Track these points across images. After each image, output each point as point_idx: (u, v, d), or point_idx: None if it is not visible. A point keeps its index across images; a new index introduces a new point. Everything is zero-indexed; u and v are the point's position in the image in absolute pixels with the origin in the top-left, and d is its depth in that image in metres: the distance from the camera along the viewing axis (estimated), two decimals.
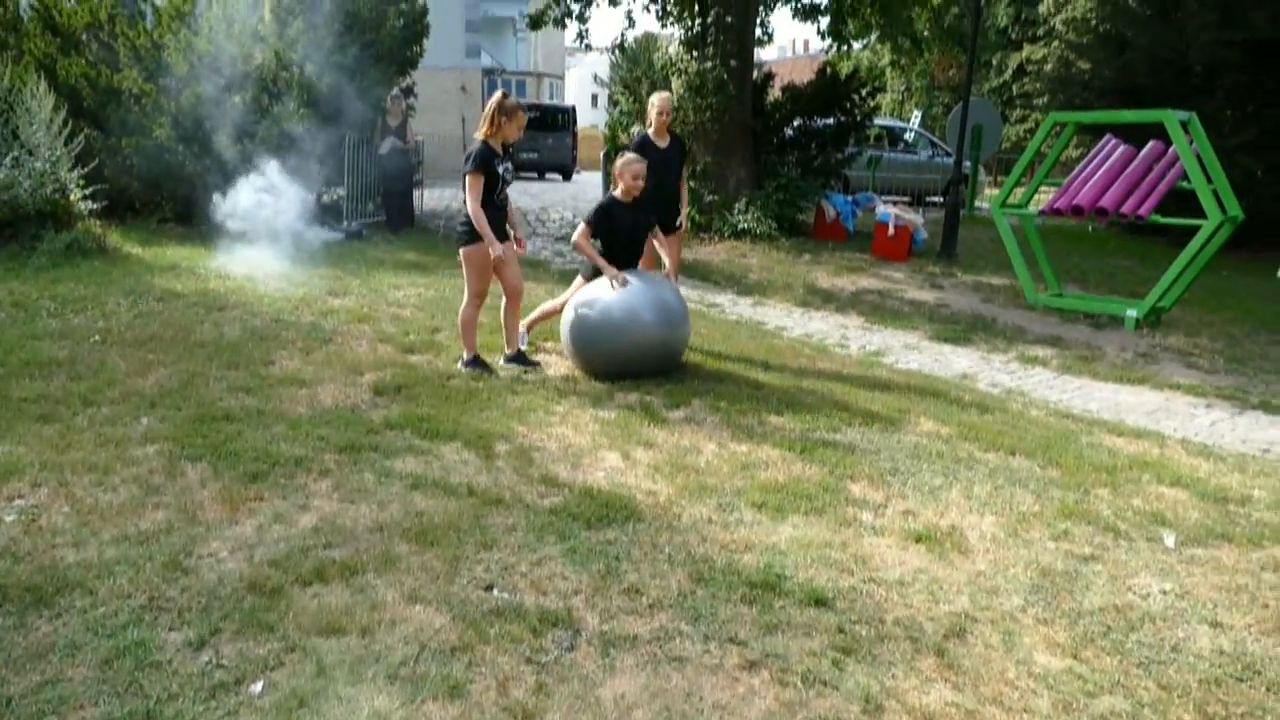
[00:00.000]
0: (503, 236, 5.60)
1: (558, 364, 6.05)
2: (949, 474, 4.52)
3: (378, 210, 12.34)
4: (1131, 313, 8.61)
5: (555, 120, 25.95)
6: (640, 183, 5.80)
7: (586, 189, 21.11)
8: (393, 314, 7.08)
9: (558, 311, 6.14)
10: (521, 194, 19.43)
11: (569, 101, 39.01)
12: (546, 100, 37.46)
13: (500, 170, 5.43)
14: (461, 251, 5.56)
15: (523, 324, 6.23)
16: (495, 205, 5.44)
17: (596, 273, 5.85)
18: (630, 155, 5.87)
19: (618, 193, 5.83)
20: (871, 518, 3.96)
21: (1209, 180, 8.43)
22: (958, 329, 8.38)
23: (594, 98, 64.55)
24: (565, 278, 9.45)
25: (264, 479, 3.91)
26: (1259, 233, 12.84)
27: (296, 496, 3.79)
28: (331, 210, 11.70)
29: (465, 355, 5.68)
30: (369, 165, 11.89)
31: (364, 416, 4.77)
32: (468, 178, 5.36)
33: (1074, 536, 3.91)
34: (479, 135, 5.43)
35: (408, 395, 5.16)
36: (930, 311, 9.14)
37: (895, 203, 13.67)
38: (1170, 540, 3.93)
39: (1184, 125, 8.32)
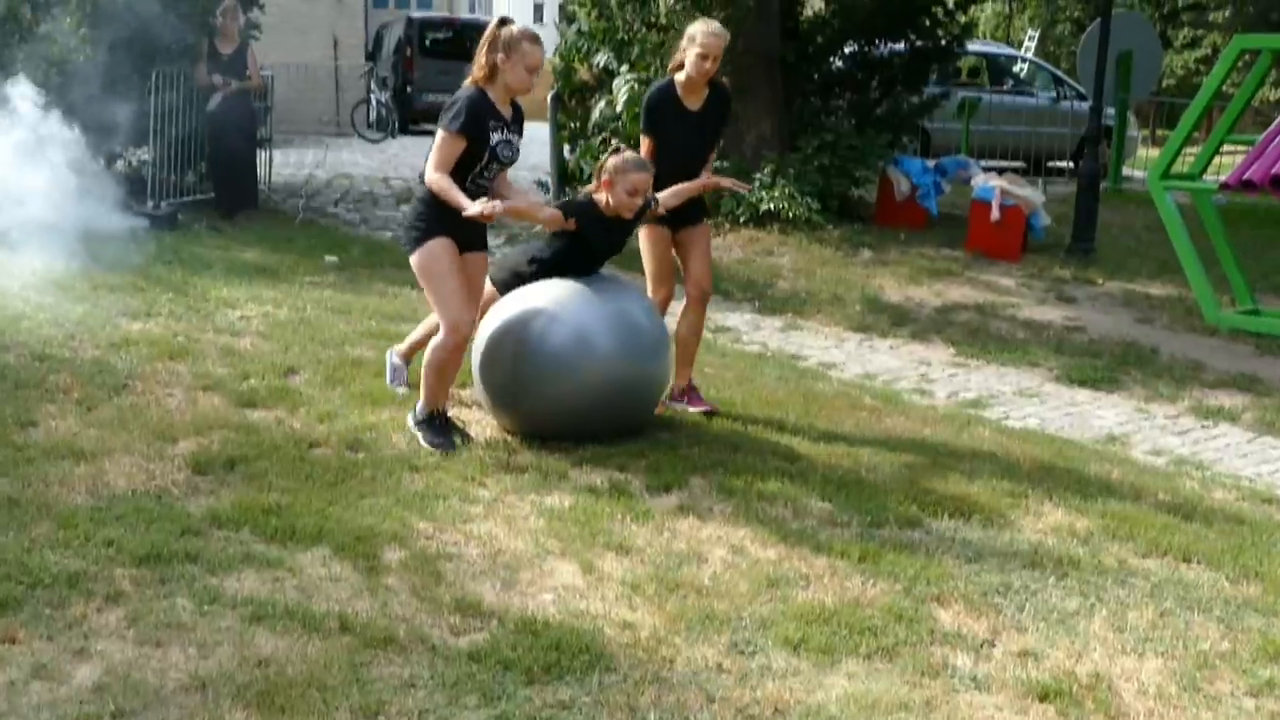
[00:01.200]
0: (473, 245, 5.67)
1: (479, 421, 6.05)
2: (1089, 594, 4.52)
3: (201, 184, 12.32)
4: None
5: (478, 45, 26.15)
6: (638, 200, 5.80)
7: (527, 149, 21.21)
8: (223, 346, 7.05)
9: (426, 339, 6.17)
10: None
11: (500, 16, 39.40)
12: (466, 14, 37.79)
13: (494, 139, 5.46)
14: (413, 260, 5.54)
15: (397, 351, 6.45)
16: (469, 187, 5.43)
17: (518, 278, 5.96)
18: (629, 156, 5.84)
19: (600, 197, 5.84)
20: (970, 663, 3.95)
21: None
22: (1099, 365, 8.46)
23: (537, 9, 65.34)
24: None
25: (17, 608, 3.84)
26: None
27: (69, 636, 3.73)
28: (131, 183, 11.70)
29: (420, 408, 5.66)
30: (189, 115, 11.91)
31: (177, 508, 4.72)
32: (440, 135, 5.38)
33: None
34: (468, 81, 5.49)
35: (246, 474, 5.12)
36: (1058, 338, 9.22)
37: (1002, 171, 13.84)
38: None
39: None
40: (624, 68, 12.81)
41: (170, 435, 5.51)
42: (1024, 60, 22.26)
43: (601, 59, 13.18)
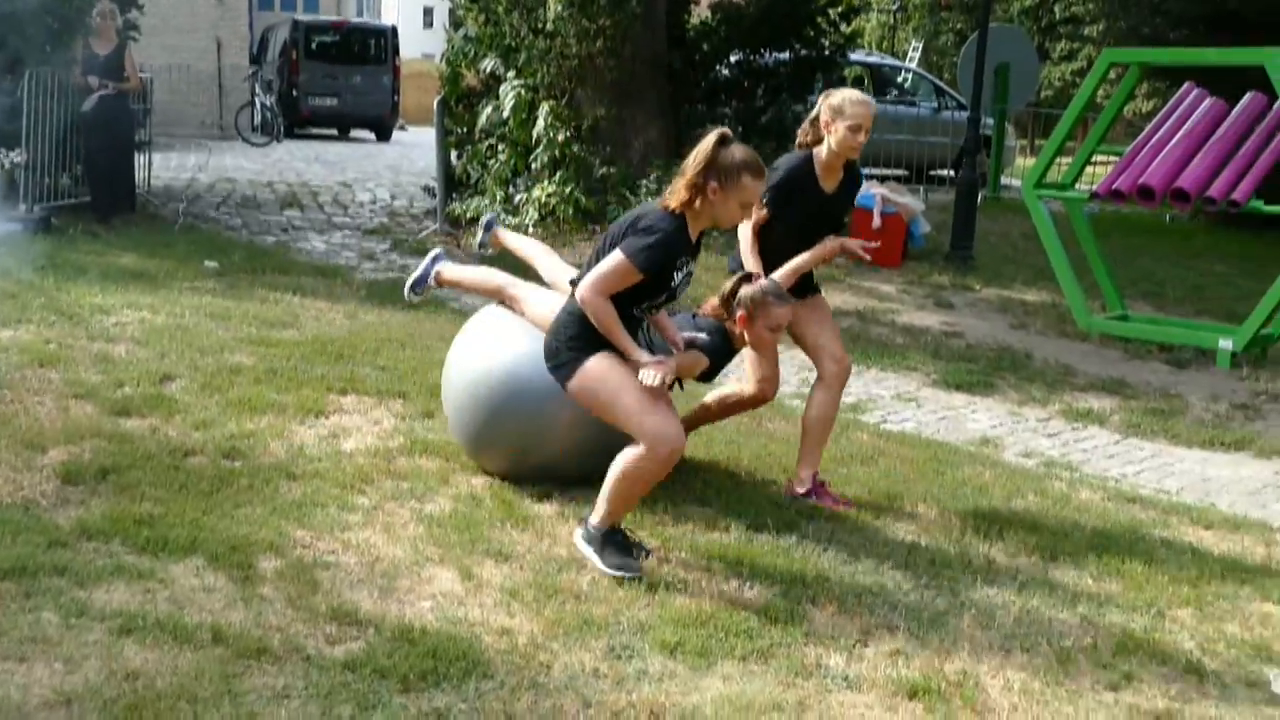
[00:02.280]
0: None
1: (368, 432, 6.00)
2: (958, 593, 4.63)
3: (77, 187, 12.04)
4: (1226, 344, 9.04)
5: (366, 49, 25.96)
6: (779, 336, 5.18)
7: (414, 154, 21.12)
8: (97, 353, 6.91)
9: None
10: (313, 160, 19.36)
11: (388, 20, 39.11)
12: (354, 18, 37.43)
13: (676, 279, 4.63)
14: (571, 389, 4.64)
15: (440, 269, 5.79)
16: (631, 315, 4.69)
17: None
18: (767, 287, 5.02)
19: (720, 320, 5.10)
20: (843, 663, 4.02)
21: None
22: (975, 370, 8.65)
23: (427, 13, 64.72)
24: (375, 292, 9.41)
25: None
26: None
27: None
28: (3, 187, 11.39)
29: (595, 521, 4.64)
30: (63, 116, 11.64)
31: (45, 519, 4.62)
32: (619, 260, 4.48)
33: (1141, 684, 4.04)
34: (670, 202, 4.56)
35: (118, 484, 5.03)
36: (935, 343, 9.39)
37: (883, 179, 14.09)
38: (1279, 685, 4.10)
39: None
40: (511, 74, 12.81)
41: (39, 444, 5.38)
42: (907, 71, 22.65)
43: (489, 65, 13.16)
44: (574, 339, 4.60)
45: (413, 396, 6.59)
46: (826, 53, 14.37)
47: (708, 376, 5.20)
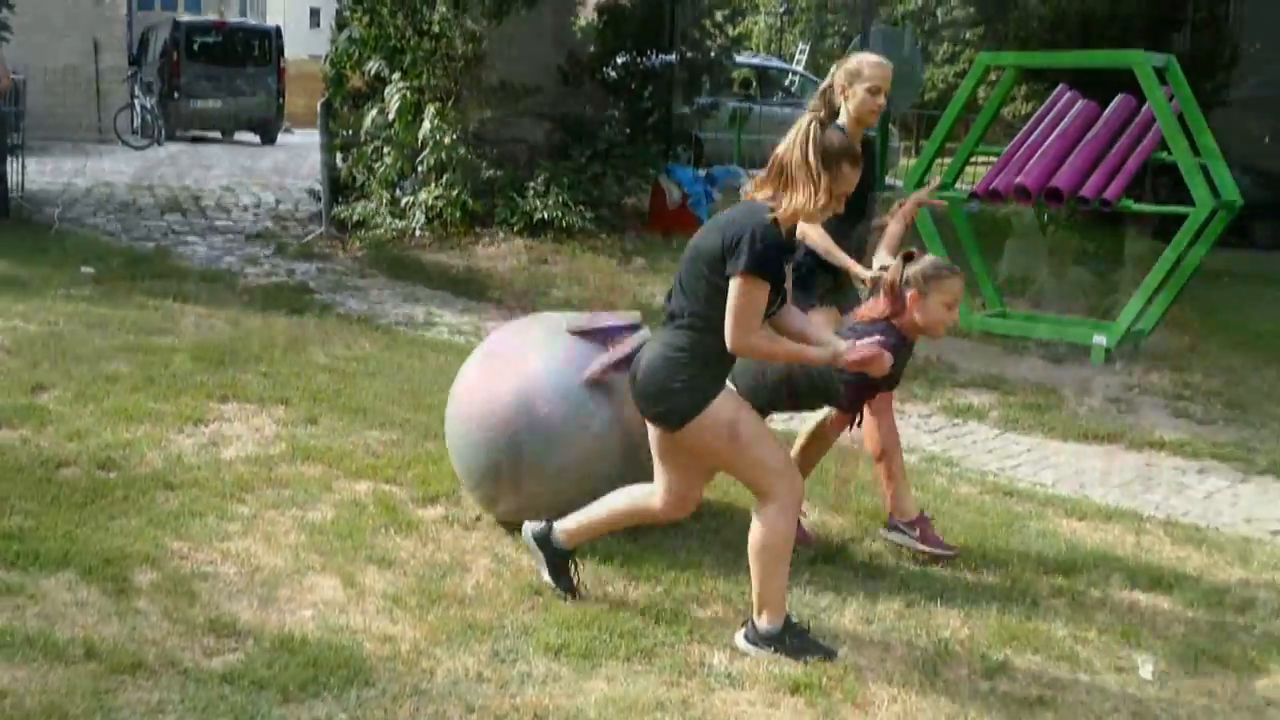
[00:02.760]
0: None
1: (249, 439, 5.91)
2: (840, 589, 4.69)
3: None
4: (1100, 339, 9.28)
5: (250, 49, 25.54)
6: (955, 315, 4.73)
7: (300, 157, 20.79)
8: None
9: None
10: (195, 164, 18.97)
11: (274, 20, 38.49)
12: (235, 18, 36.82)
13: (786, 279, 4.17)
14: (699, 428, 4.03)
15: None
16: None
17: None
18: (935, 261, 4.70)
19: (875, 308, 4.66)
20: (726, 660, 4.05)
21: (1196, 151, 9.23)
22: None
23: (314, 14, 63.90)
24: (258, 297, 9.27)
25: None
26: (1273, 220, 14.13)
27: None
28: None
29: (764, 622, 4.15)
30: None
31: None
32: (738, 281, 3.92)
33: (1016, 673, 4.14)
34: (759, 194, 4.12)
35: None
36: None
37: None
38: (1147, 670, 4.22)
39: (1160, 72, 9.10)
40: (396, 75, 12.69)
41: None
42: (794, 73, 22.91)
43: (374, 66, 13.03)
44: (694, 377, 4.02)
45: (295, 403, 6.51)
46: (713, 55, 14.48)
47: (890, 381, 4.68)
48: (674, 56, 14.35)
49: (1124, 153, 9.37)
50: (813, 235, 5.03)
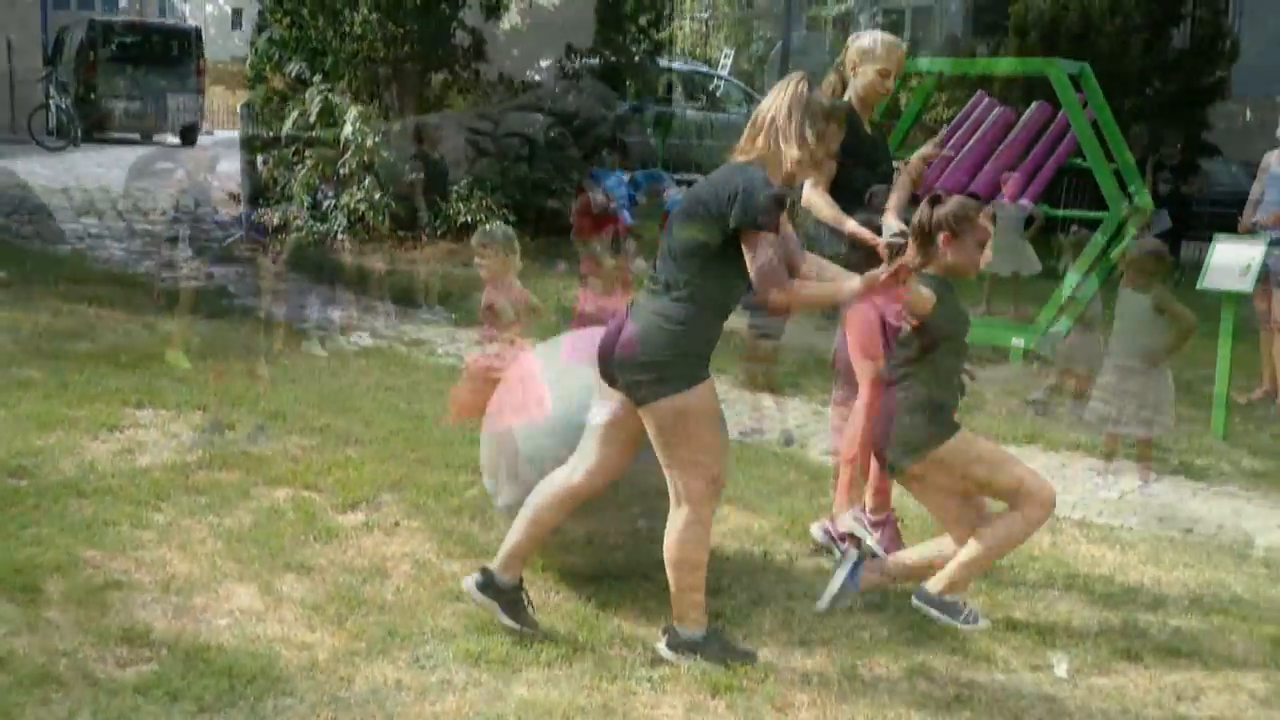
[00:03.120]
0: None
1: (165, 446, 5.81)
2: (760, 590, 4.72)
3: None
4: (1018, 342, 9.40)
5: (169, 50, 25.20)
6: (989, 255, 4.63)
7: (220, 159, 20.56)
8: None
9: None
10: (113, 165, 18.67)
11: (195, 21, 37.98)
12: (154, 18, 36.27)
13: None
14: (684, 403, 3.92)
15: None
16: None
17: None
18: (963, 200, 4.51)
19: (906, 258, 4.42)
20: (647, 666, 4.05)
21: (1110, 157, 9.40)
22: (781, 370, 8.79)
23: (236, 15, 63.09)
24: (185, 301, 9.12)
25: None
26: (1182, 222, 14.38)
27: None
28: None
29: (686, 629, 4.12)
30: None
31: None
32: (747, 239, 3.90)
33: (933, 671, 4.18)
34: (739, 156, 4.18)
35: None
36: (740, 343, 9.52)
37: (693, 185, 14.25)
38: (1063, 668, 4.28)
39: (1074, 80, 9.26)
40: (317, 77, 12.59)
41: None
42: (719, 78, 23.00)
43: (294, 68, 12.91)
44: (686, 355, 3.95)
45: (213, 409, 6.42)
46: (636, 59, 14.51)
47: (957, 328, 4.61)
48: (597, 60, 14.37)
49: (1040, 158, 9.52)
50: (820, 204, 5.00)
